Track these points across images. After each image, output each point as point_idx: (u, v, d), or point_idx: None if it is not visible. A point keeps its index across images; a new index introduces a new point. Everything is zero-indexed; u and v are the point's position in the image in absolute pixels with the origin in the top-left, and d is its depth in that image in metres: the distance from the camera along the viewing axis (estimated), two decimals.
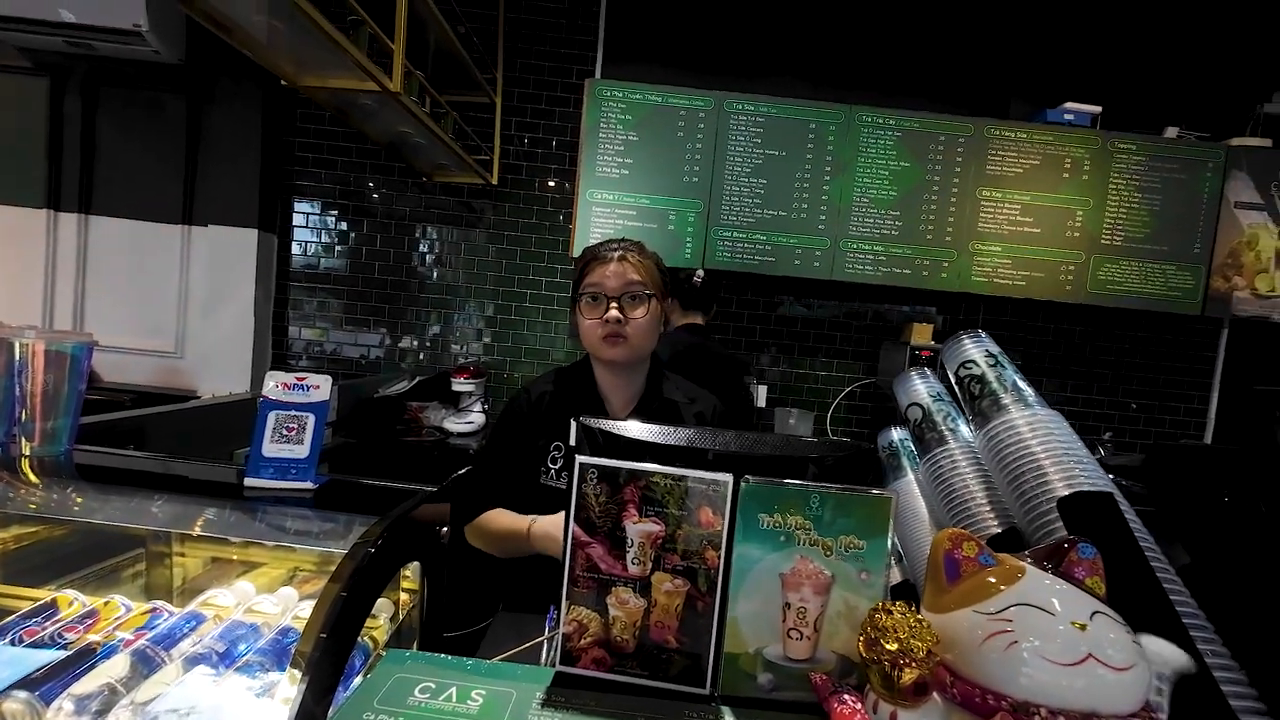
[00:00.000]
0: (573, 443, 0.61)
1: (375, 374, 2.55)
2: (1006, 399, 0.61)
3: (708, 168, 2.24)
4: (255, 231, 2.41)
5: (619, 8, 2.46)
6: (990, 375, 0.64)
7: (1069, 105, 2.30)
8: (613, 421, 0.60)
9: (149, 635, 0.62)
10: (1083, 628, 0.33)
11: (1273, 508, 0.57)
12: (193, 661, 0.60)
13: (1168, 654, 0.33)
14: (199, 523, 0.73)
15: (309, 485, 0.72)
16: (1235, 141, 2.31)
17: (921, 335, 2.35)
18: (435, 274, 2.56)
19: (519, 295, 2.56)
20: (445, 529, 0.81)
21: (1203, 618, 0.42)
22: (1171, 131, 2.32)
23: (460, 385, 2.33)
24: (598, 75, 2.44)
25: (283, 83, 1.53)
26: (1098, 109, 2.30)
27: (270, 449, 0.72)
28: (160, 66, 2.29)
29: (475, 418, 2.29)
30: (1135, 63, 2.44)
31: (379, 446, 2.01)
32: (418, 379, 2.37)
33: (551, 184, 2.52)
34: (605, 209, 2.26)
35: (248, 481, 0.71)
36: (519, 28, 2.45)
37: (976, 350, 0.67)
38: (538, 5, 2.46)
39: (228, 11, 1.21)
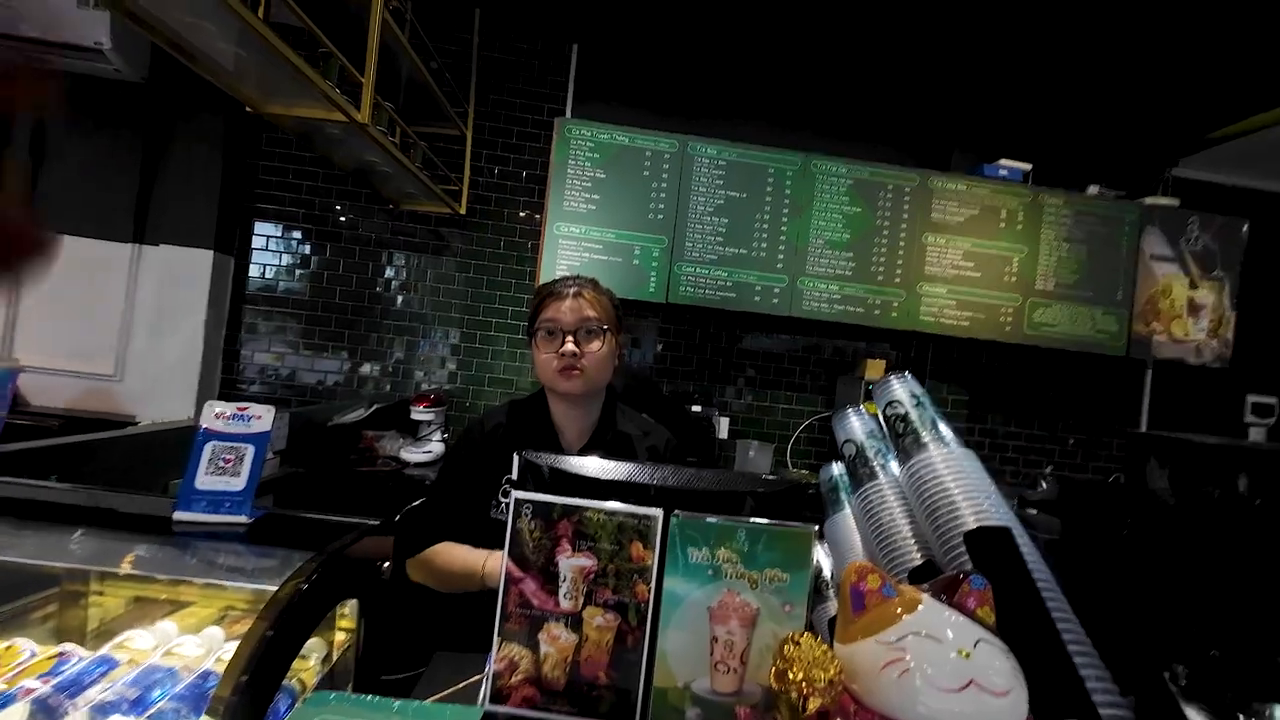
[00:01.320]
0: (514, 476, 0.62)
1: (332, 401, 2.48)
2: (926, 437, 0.65)
3: (672, 205, 2.33)
4: (211, 253, 2.35)
5: (590, 51, 2.57)
6: (914, 414, 0.68)
7: (1003, 161, 2.50)
8: (555, 455, 0.61)
9: (54, 682, 0.58)
10: (967, 655, 0.35)
11: (1136, 533, 0.62)
12: (102, 710, 0.57)
13: None
14: (120, 560, 0.69)
15: (243, 519, 0.70)
16: (1148, 200, 2.55)
17: (875, 370, 2.45)
18: (400, 300, 2.54)
19: (484, 324, 2.55)
20: (387, 564, 0.79)
21: (1088, 645, 0.46)
22: (1093, 189, 2.55)
23: (419, 414, 2.28)
24: (568, 114, 2.53)
25: (247, 109, 1.53)
26: (1028, 166, 2.51)
27: (204, 481, 0.70)
28: (121, 84, 2.26)
29: (434, 447, 2.25)
30: (1062, 125, 2.69)
31: (330, 477, 1.94)
32: (375, 406, 2.32)
33: (521, 215, 2.56)
34: (572, 241, 2.30)
35: (177, 515, 0.69)
36: (492, 65, 2.53)
37: (902, 390, 0.72)
38: (511, 45, 2.55)
39: (192, 39, 1.22)
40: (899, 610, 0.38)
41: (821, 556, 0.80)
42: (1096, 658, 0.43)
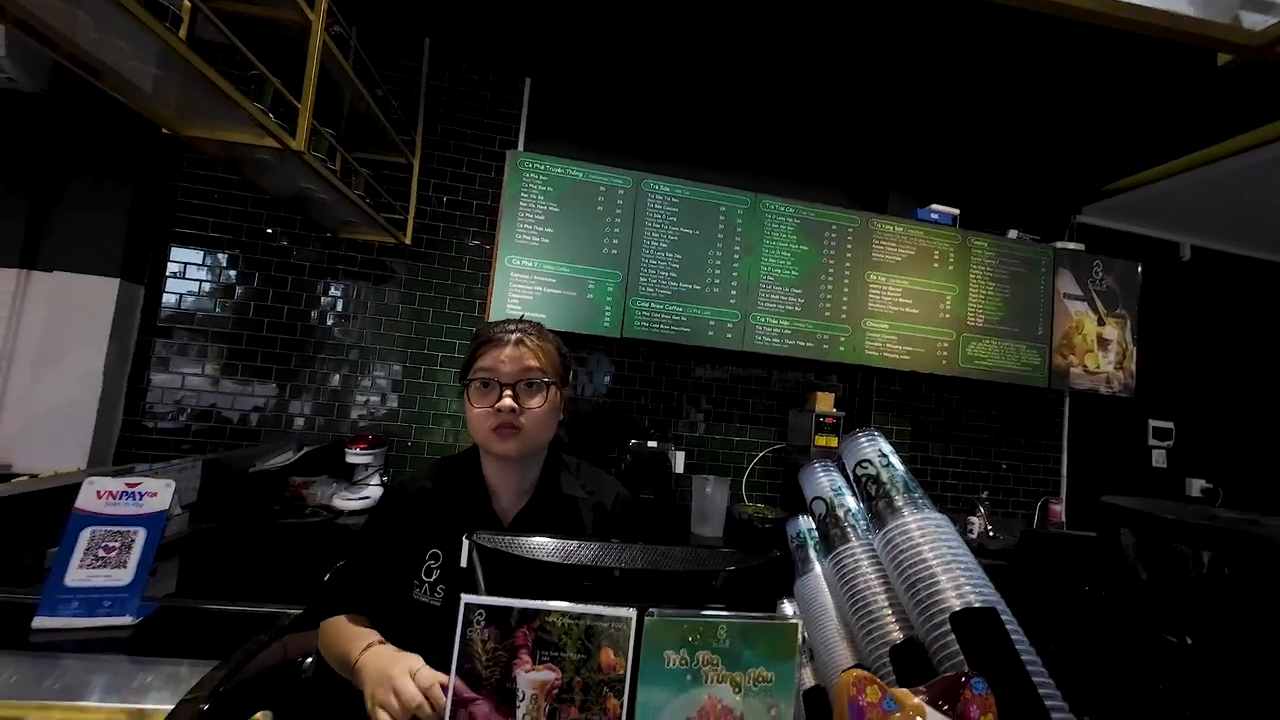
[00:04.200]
0: (464, 563, 0.55)
1: (255, 443, 2.25)
2: (899, 500, 0.64)
3: (626, 240, 2.32)
4: (116, 281, 2.11)
5: (543, 85, 2.57)
6: (884, 475, 0.67)
7: (935, 206, 2.67)
8: (509, 538, 0.54)
9: None
10: None
11: (1111, 594, 0.62)
12: None
13: None
14: None
15: (128, 620, 0.59)
16: (1058, 244, 2.79)
17: (825, 403, 2.50)
18: (336, 330, 2.37)
19: (429, 358, 2.42)
20: (309, 660, 0.69)
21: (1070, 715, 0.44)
22: (1012, 233, 2.77)
23: (355, 456, 2.12)
24: (520, 147, 2.50)
25: (164, 130, 1.40)
26: (956, 210, 2.70)
27: (78, 576, 0.58)
28: (15, 94, 2.03)
29: (371, 492, 2.08)
30: (985, 173, 2.92)
31: (249, 532, 1.74)
32: (305, 449, 2.13)
33: (471, 245, 2.48)
34: (524, 275, 2.24)
35: (38, 622, 0.56)
36: (441, 94, 2.47)
37: (871, 449, 0.71)
38: (462, 76, 2.51)
39: (100, 55, 1.10)
40: None
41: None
42: None
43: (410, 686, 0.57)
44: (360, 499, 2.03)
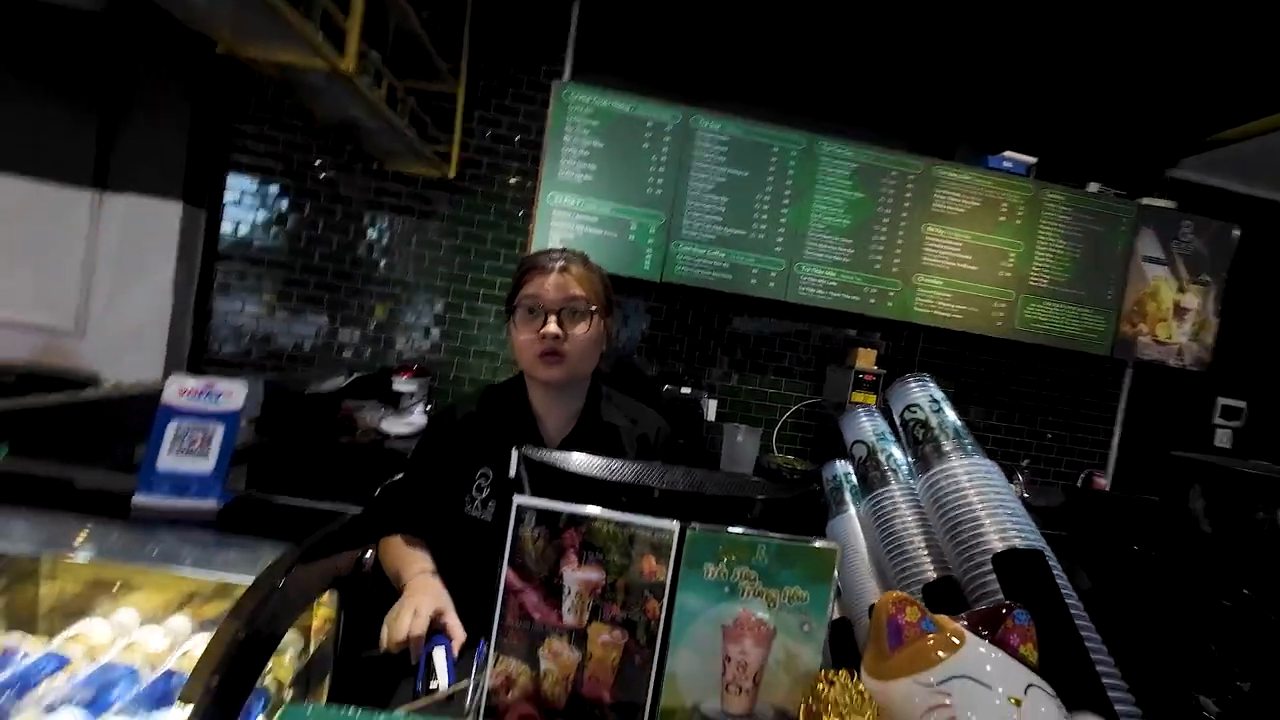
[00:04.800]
0: (512, 474, 0.58)
1: (309, 368, 2.38)
2: (947, 445, 0.62)
3: (671, 181, 2.25)
4: (180, 204, 2.20)
5: (591, 11, 2.43)
6: (933, 420, 0.65)
7: (1008, 154, 2.46)
8: (555, 453, 0.56)
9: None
10: (1018, 703, 0.33)
11: (1173, 557, 0.60)
12: (53, 711, 0.52)
13: None
14: (75, 543, 0.63)
15: (212, 504, 0.65)
16: (1145, 201, 2.54)
17: (866, 360, 2.44)
18: (382, 264, 2.43)
19: (471, 294, 2.47)
20: (370, 554, 0.75)
21: (1118, 676, 0.44)
22: (1093, 186, 2.53)
23: (401, 384, 2.21)
24: (566, 77, 2.40)
25: (218, 50, 1.40)
26: (1033, 159, 2.48)
27: (168, 462, 0.64)
28: (76, 13, 2.06)
29: (417, 419, 2.19)
30: (1066, 120, 2.65)
31: (307, 449, 1.87)
32: (355, 375, 2.24)
33: (512, 182, 2.45)
34: (566, 213, 2.22)
35: (137, 500, 0.63)
36: (486, 18, 2.38)
37: (921, 394, 0.69)
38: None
39: None
40: (941, 649, 0.35)
41: None
42: (1128, 692, 0.42)
43: (405, 625, 0.68)
44: (407, 425, 2.14)
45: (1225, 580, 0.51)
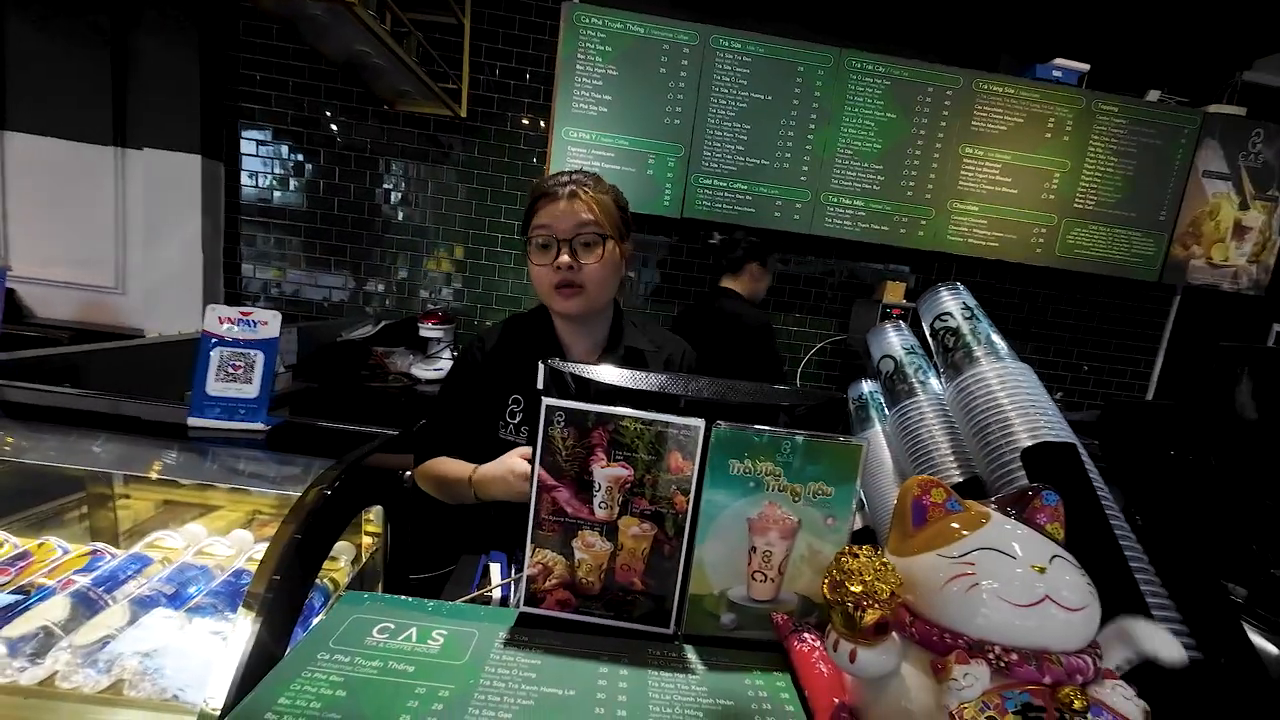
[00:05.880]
0: (539, 385, 0.59)
1: (338, 317, 2.44)
2: (979, 351, 0.61)
3: (690, 109, 2.14)
4: (199, 158, 2.21)
5: None
6: (965, 328, 0.64)
7: (1059, 61, 2.25)
8: (581, 365, 0.57)
9: (90, 577, 0.59)
10: (1042, 570, 0.33)
11: (1223, 461, 0.59)
12: (141, 604, 0.58)
13: (1159, 643, 0.34)
14: (141, 464, 0.68)
15: (260, 426, 0.68)
16: (1212, 108, 2.32)
17: (894, 294, 2.37)
18: (400, 213, 2.42)
19: (489, 239, 2.45)
20: (408, 474, 0.79)
21: (1146, 562, 0.44)
22: (1153, 94, 2.32)
23: (428, 331, 2.26)
24: None
25: None
26: (1086, 67, 2.27)
27: (215, 388, 0.67)
28: None
29: (444, 364, 2.24)
30: (1124, 21, 2.39)
31: (342, 392, 1.95)
32: (383, 323, 2.29)
33: (525, 121, 2.37)
34: (581, 149, 2.15)
35: (192, 421, 0.67)
36: None
37: (954, 302, 0.67)
38: None
39: None
40: (965, 525, 0.36)
41: None
42: (1159, 582, 0.42)
43: (518, 461, 0.74)
44: (435, 370, 2.19)
45: (1270, 477, 0.49)
